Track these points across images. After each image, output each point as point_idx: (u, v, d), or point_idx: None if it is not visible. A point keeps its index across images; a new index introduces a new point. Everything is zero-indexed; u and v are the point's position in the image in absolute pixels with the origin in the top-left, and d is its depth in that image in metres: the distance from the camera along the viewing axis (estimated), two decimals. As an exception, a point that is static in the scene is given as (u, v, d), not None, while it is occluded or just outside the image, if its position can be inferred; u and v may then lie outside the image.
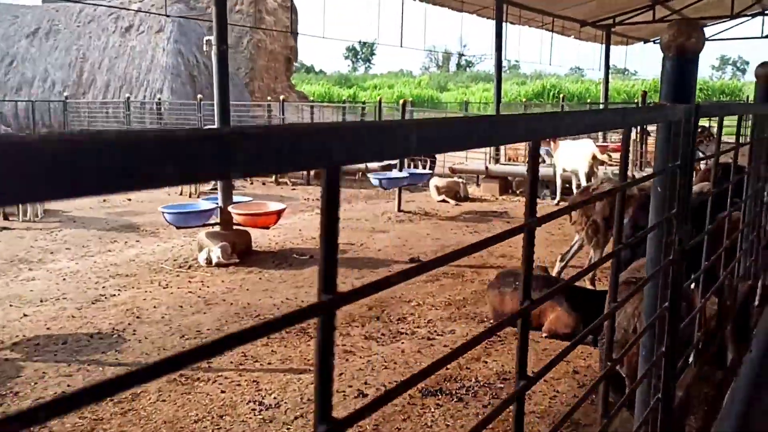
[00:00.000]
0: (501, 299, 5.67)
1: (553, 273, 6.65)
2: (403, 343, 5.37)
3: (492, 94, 36.64)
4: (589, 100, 39.50)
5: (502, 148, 14.09)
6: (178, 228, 8.04)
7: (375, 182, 10.45)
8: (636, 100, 27.24)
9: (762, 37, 20.39)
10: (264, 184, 14.50)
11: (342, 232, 10.21)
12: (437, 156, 14.05)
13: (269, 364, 4.94)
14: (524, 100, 37.48)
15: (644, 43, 22.57)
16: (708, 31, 21.72)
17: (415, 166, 13.43)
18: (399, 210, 10.97)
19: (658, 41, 22.88)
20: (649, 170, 12.15)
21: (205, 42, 8.40)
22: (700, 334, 2.33)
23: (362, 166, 13.56)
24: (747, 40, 21.25)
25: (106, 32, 27.06)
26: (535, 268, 5.43)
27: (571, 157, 11.33)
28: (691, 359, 2.33)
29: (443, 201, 12.10)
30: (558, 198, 11.75)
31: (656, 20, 17.95)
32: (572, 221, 6.67)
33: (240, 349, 5.11)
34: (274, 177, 14.72)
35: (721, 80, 50.28)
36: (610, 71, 22.75)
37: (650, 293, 1.82)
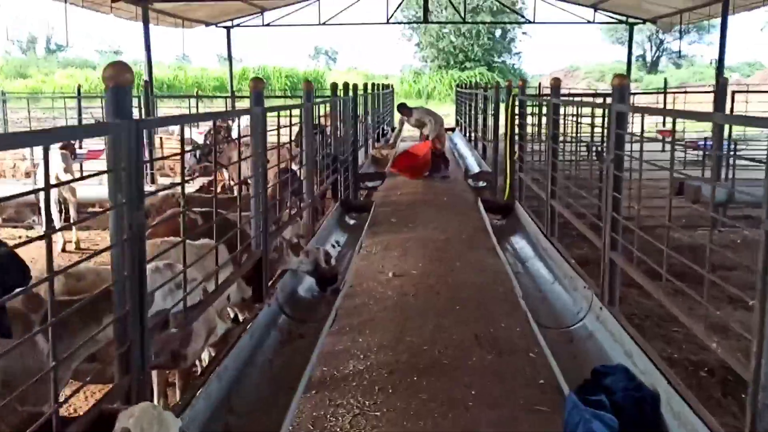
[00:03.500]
0: None
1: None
2: None
3: (78, 80, 30.31)
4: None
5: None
6: None
7: None
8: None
9: (385, 22, 19.40)
10: None
11: None
12: None
13: None
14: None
15: (206, 26, 19.89)
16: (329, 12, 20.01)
17: None
18: None
19: (222, 25, 20.51)
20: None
21: None
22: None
23: None
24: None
25: None
26: None
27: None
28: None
29: None
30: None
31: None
32: None
33: None
34: None
35: (314, 69, 51.15)
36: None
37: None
